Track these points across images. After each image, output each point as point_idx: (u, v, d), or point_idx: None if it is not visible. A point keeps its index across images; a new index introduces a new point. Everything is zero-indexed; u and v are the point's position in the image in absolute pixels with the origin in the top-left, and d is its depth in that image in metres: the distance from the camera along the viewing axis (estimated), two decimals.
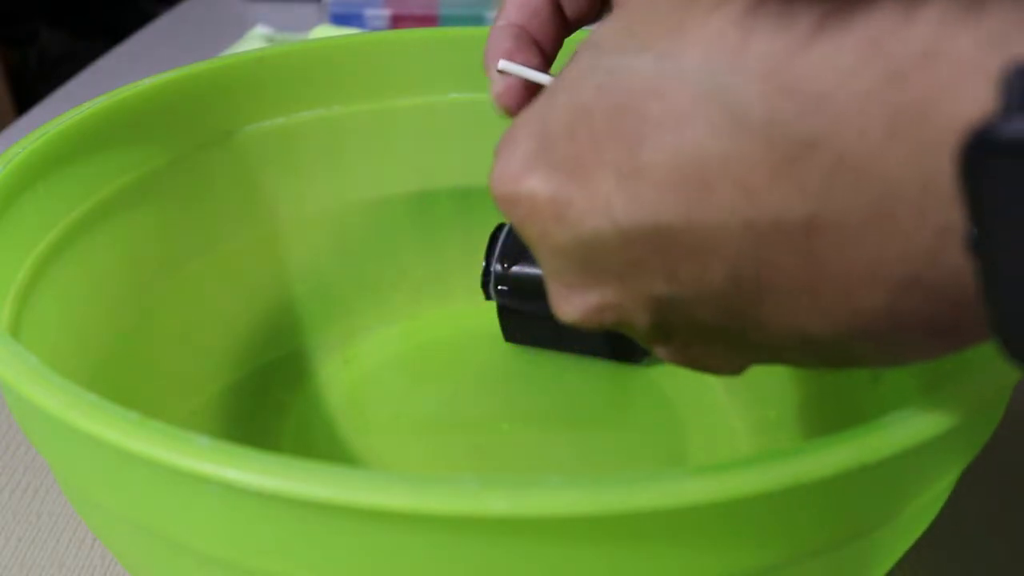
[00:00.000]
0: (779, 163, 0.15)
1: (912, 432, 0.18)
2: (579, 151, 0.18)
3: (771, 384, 0.39)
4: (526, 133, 0.20)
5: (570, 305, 0.21)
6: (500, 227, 0.40)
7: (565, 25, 0.28)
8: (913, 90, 0.14)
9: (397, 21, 0.77)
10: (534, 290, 0.39)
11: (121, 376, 0.32)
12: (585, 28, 0.29)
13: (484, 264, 0.39)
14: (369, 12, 0.77)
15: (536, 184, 0.19)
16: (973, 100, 0.13)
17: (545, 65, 0.27)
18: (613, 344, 0.40)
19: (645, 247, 0.18)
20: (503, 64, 0.27)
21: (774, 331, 0.18)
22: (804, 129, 0.15)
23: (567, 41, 0.29)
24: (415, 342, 0.43)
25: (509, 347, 0.42)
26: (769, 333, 0.18)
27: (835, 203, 0.15)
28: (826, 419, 0.35)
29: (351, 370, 0.41)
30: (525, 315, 0.40)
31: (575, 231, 0.19)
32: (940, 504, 0.25)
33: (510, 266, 0.39)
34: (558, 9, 0.27)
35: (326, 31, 0.72)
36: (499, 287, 0.39)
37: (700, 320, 0.19)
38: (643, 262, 0.18)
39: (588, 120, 0.18)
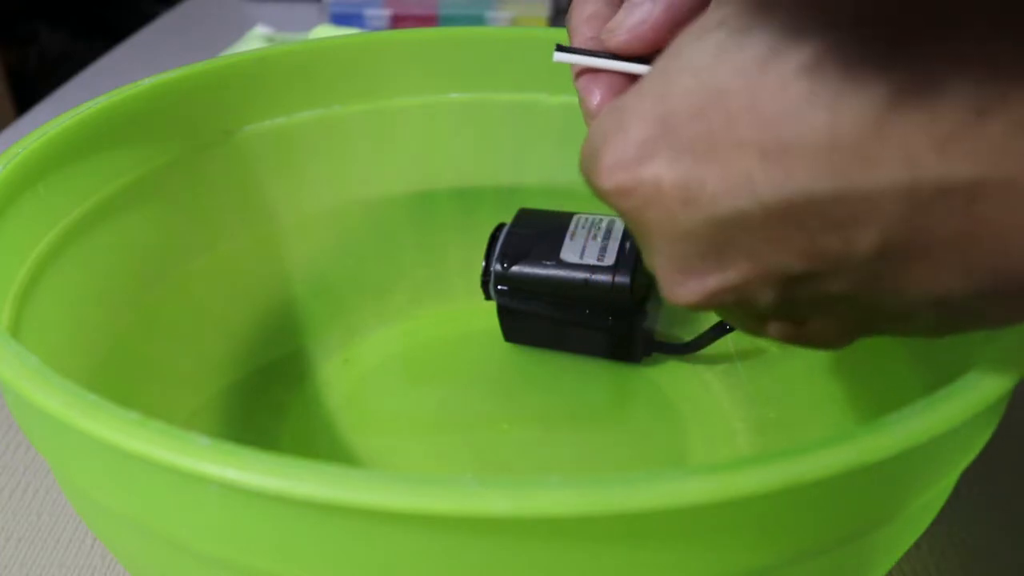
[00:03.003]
0: (948, 132, 0.16)
1: (912, 432, 0.18)
2: (710, 132, 0.18)
3: (771, 384, 0.39)
4: (639, 118, 0.19)
5: (686, 289, 0.20)
6: (500, 227, 0.40)
7: None
8: None
9: (397, 21, 0.77)
10: (534, 290, 0.39)
11: (121, 376, 0.32)
12: None
13: (484, 264, 0.39)
14: (369, 12, 0.77)
15: (660, 169, 0.19)
16: None
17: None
18: (613, 344, 0.40)
19: (788, 223, 0.18)
20: (559, 56, 0.26)
21: (910, 296, 0.18)
22: (976, 96, 0.15)
23: None
24: (415, 342, 0.43)
25: (509, 347, 0.42)
26: (904, 299, 0.18)
27: (1008, 164, 0.15)
28: (826, 419, 0.35)
29: (351, 370, 0.41)
30: (525, 315, 0.40)
31: (708, 212, 0.18)
32: (940, 504, 0.25)
33: (510, 266, 0.39)
34: None
35: (326, 31, 0.72)
36: (499, 287, 0.39)
37: (830, 293, 0.19)
38: (783, 239, 0.18)
39: (722, 101, 0.18)
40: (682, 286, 0.20)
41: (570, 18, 0.28)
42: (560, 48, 0.27)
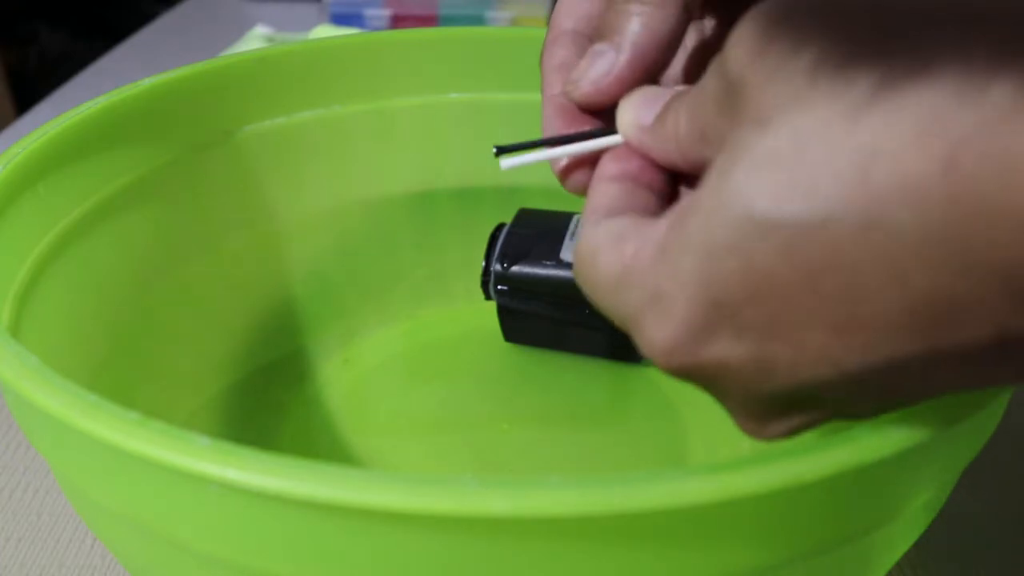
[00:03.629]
0: (1020, 292, 0.15)
1: (912, 432, 0.18)
2: (770, 314, 0.17)
3: None
4: (685, 302, 0.18)
5: (768, 432, 0.20)
6: (500, 227, 0.40)
7: None
8: None
9: (397, 21, 0.77)
10: (534, 290, 0.39)
11: (121, 376, 0.32)
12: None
13: (484, 264, 0.39)
14: (369, 12, 0.77)
15: (724, 351, 0.18)
16: None
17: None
18: (613, 344, 0.40)
19: (873, 380, 0.17)
20: (506, 164, 0.25)
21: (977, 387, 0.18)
22: None
23: None
24: (415, 342, 0.43)
25: (509, 347, 0.42)
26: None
27: None
28: None
29: (351, 370, 0.41)
30: (525, 315, 0.40)
31: (786, 381, 0.18)
32: (940, 504, 0.25)
33: (510, 266, 0.39)
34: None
35: (326, 31, 0.72)
36: (499, 287, 0.39)
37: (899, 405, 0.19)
38: (868, 389, 0.18)
39: (778, 284, 0.17)
40: (764, 430, 0.20)
41: (542, 66, 0.27)
42: (500, 150, 0.25)
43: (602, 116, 0.25)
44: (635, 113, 0.23)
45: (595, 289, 0.21)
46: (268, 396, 0.39)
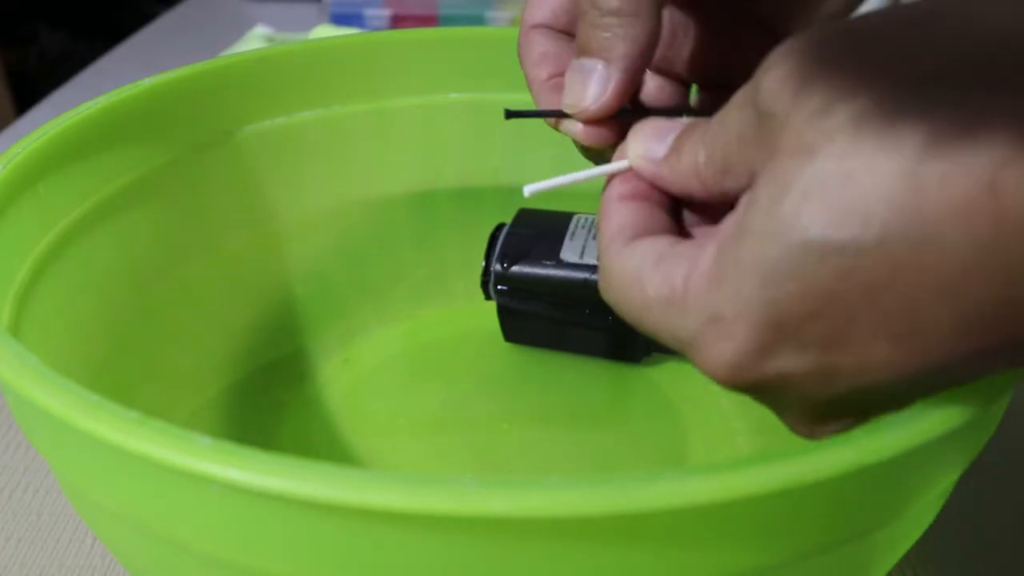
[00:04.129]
0: None
1: (912, 433, 0.18)
2: (832, 329, 0.18)
3: None
4: (744, 326, 0.19)
5: (823, 430, 0.21)
6: (500, 227, 0.40)
7: None
8: None
9: (397, 21, 0.77)
10: (534, 290, 0.39)
11: (121, 376, 0.32)
12: None
13: (484, 264, 0.39)
14: (369, 12, 0.77)
15: (787, 365, 0.19)
16: None
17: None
18: (613, 344, 0.40)
19: (928, 380, 0.18)
20: (529, 190, 0.25)
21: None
22: None
23: None
24: (415, 342, 0.43)
25: (509, 347, 0.42)
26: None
27: None
28: None
29: (351, 370, 0.41)
30: (525, 315, 0.40)
31: (847, 387, 0.19)
32: (940, 504, 0.25)
33: (510, 266, 0.39)
34: None
35: (326, 31, 0.72)
36: (499, 287, 0.39)
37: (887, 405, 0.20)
38: (920, 388, 0.19)
39: (838, 303, 0.18)
40: (819, 430, 0.21)
41: (522, 62, 0.28)
42: (510, 114, 0.27)
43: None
44: (645, 146, 0.23)
45: (643, 313, 0.22)
46: (268, 396, 0.39)
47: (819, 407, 0.20)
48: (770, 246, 0.18)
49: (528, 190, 0.25)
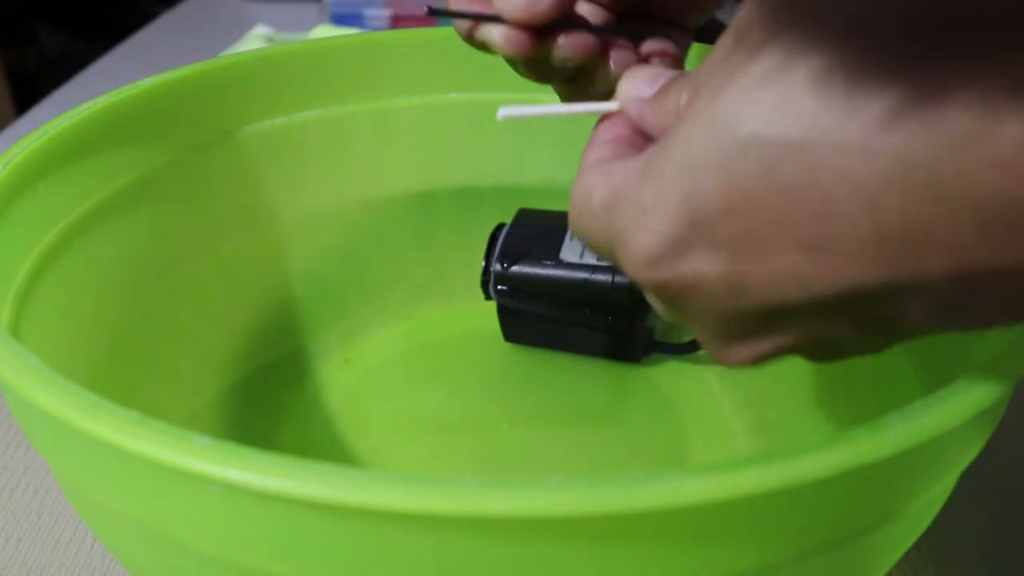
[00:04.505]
0: (988, 223, 0.16)
1: (912, 432, 0.18)
2: (746, 230, 0.18)
3: (771, 384, 0.39)
4: (665, 216, 0.19)
5: (736, 355, 0.21)
6: (500, 227, 0.40)
7: None
8: None
9: (397, 21, 0.77)
10: (534, 290, 0.39)
11: (121, 376, 0.32)
12: None
13: (484, 264, 0.39)
14: (369, 12, 0.77)
15: (700, 265, 0.19)
16: None
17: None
18: (613, 344, 0.40)
19: (838, 305, 0.18)
20: (503, 113, 0.26)
21: (954, 328, 0.19)
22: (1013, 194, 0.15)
23: None
24: (415, 342, 0.43)
25: (509, 347, 0.42)
26: (948, 329, 0.19)
27: None
28: (825, 419, 0.35)
29: (351, 370, 0.41)
30: (525, 315, 0.40)
31: (755, 301, 0.19)
32: (940, 504, 0.25)
33: (510, 266, 0.39)
34: None
35: (326, 31, 0.72)
36: (499, 287, 0.39)
37: (875, 341, 0.20)
38: (835, 315, 0.19)
39: (755, 202, 0.18)
40: (733, 353, 0.21)
41: None
42: (431, 11, 0.26)
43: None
44: (637, 89, 0.24)
45: (590, 223, 0.22)
46: (268, 396, 0.39)
47: (730, 323, 0.20)
48: (697, 138, 0.19)
49: (502, 113, 0.26)
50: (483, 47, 0.28)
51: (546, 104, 0.26)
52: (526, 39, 0.27)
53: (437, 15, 0.27)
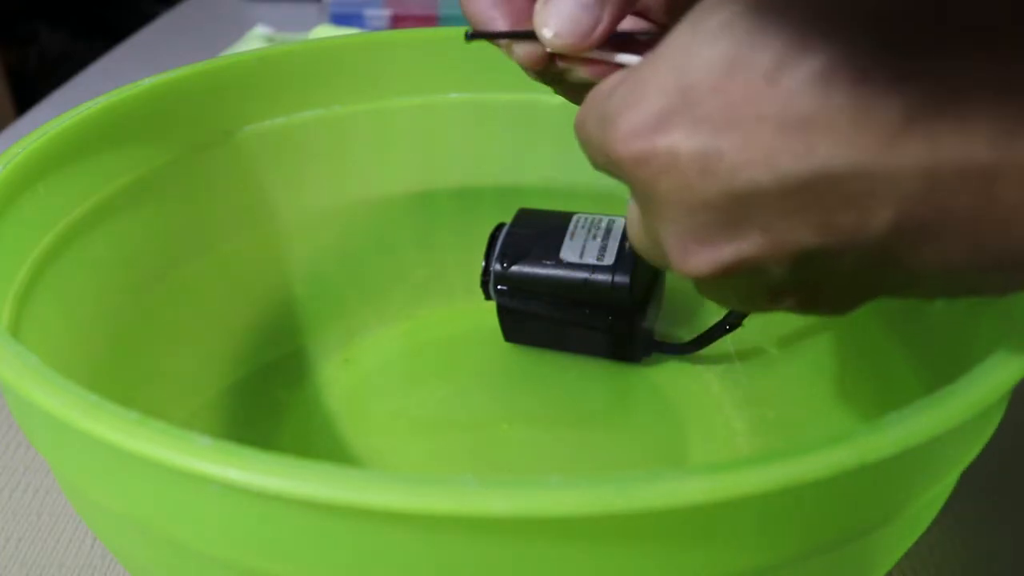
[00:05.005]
0: (970, 118, 0.16)
1: (912, 432, 0.18)
2: (730, 105, 0.18)
3: (771, 384, 0.39)
4: (657, 89, 0.19)
5: (698, 260, 0.20)
6: (500, 227, 0.40)
7: None
8: None
9: (397, 21, 0.77)
10: (534, 290, 0.39)
11: (121, 376, 0.32)
12: None
13: (484, 264, 0.39)
14: (369, 12, 0.77)
15: (678, 139, 0.19)
16: None
17: None
18: (613, 344, 0.40)
19: (806, 197, 0.18)
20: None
21: (920, 271, 0.18)
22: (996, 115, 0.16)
23: None
24: (415, 342, 0.43)
25: (509, 347, 0.42)
26: (914, 273, 0.19)
27: None
28: (826, 419, 0.35)
29: (351, 370, 0.41)
30: (525, 315, 0.40)
31: (725, 184, 0.19)
32: (940, 504, 0.25)
33: (510, 266, 0.39)
34: None
35: (326, 31, 0.72)
36: (499, 287, 0.39)
37: (841, 269, 0.19)
38: (798, 213, 0.18)
39: (742, 74, 0.18)
40: (695, 256, 0.20)
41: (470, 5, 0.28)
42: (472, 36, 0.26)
43: None
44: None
45: (585, 113, 0.22)
46: (268, 396, 0.39)
47: (697, 215, 0.19)
48: (697, 25, 0.19)
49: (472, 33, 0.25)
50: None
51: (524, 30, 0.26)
52: (547, 60, 0.27)
53: (480, 39, 0.27)
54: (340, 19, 0.78)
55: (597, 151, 0.22)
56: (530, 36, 0.26)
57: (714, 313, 0.40)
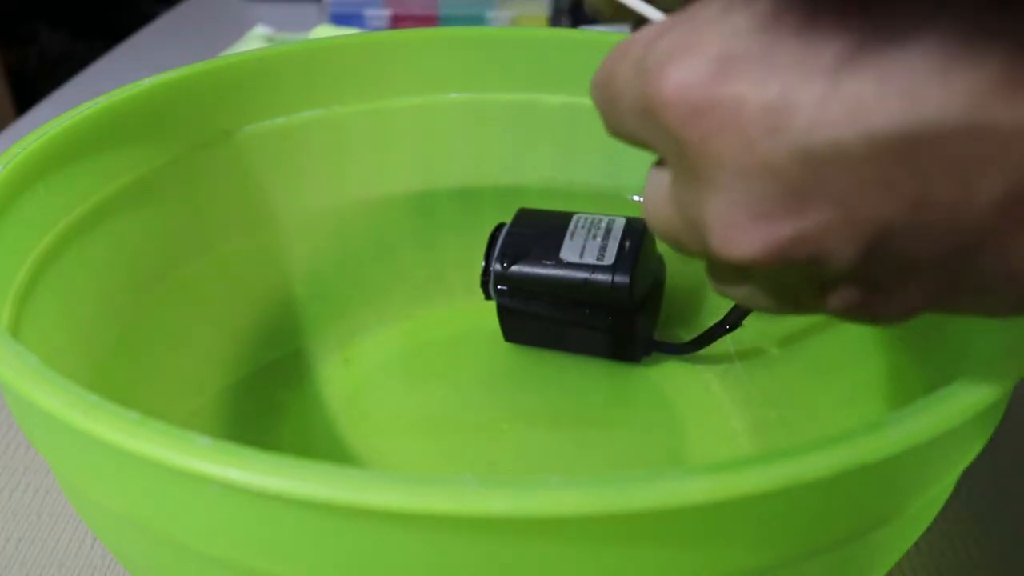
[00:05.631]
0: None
1: (912, 432, 0.18)
2: (808, 48, 0.16)
3: (771, 384, 0.39)
4: (719, 33, 0.17)
5: (750, 238, 0.17)
6: (500, 227, 0.40)
7: None
8: None
9: (397, 21, 0.77)
10: (534, 290, 0.39)
11: (121, 376, 0.32)
12: None
13: (484, 264, 0.39)
14: (369, 12, 0.77)
15: (745, 88, 0.16)
16: None
17: None
18: (613, 344, 0.40)
19: (900, 162, 0.15)
20: None
21: (1012, 263, 0.16)
22: None
23: None
24: (415, 342, 0.43)
25: (509, 347, 0.42)
26: (1002, 266, 0.16)
27: None
28: (826, 419, 0.35)
29: (351, 370, 0.41)
30: (525, 315, 0.40)
31: (798, 143, 0.16)
32: (940, 504, 0.25)
33: (510, 266, 0.39)
34: None
35: (326, 31, 0.72)
36: (499, 287, 0.39)
37: (920, 258, 0.16)
38: (887, 183, 0.15)
39: (829, 14, 0.16)
40: (745, 234, 0.17)
41: None
42: None
43: None
44: None
45: (617, 61, 0.19)
46: (268, 396, 0.39)
47: (753, 179, 0.16)
48: None
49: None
50: None
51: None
52: None
53: None
54: (340, 19, 0.78)
55: (629, 108, 0.19)
56: None
57: (714, 313, 0.40)
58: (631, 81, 0.19)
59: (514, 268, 0.39)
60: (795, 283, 0.19)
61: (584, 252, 0.38)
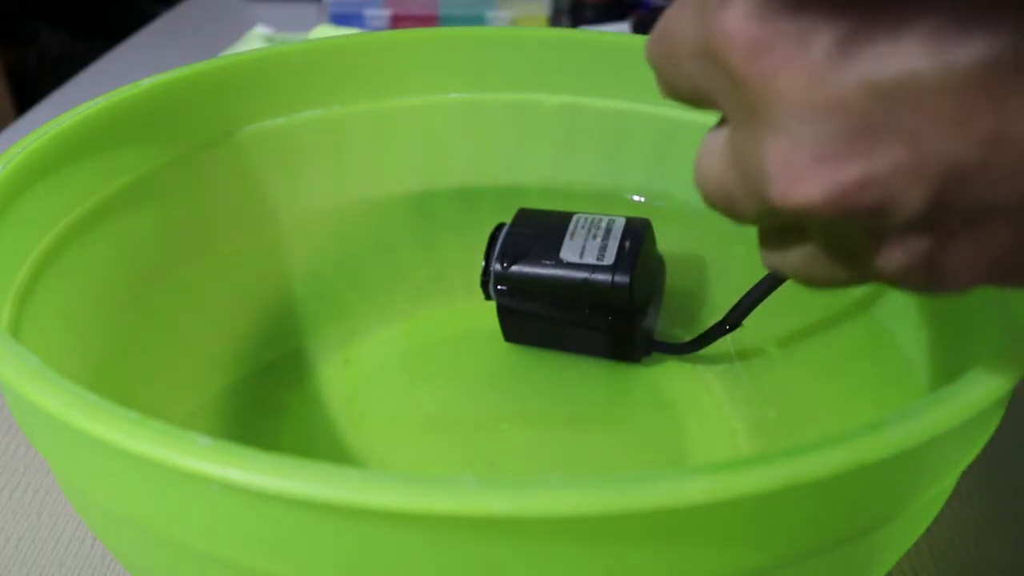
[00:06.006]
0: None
1: (912, 432, 0.18)
2: None
3: (771, 384, 0.39)
4: None
5: (813, 182, 0.16)
6: (500, 227, 0.40)
7: None
8: None
9: (397, 21, 0.77)
10: (534, 290, 0.39)
11: (121, 376, 0.32)
12: None
13: (484, 264, 0.39)
14: (369, 12, 0.77)
15: (812, 21, 0.15)
16: None
17: None
18: (613, 344, 0.40)
19: (980, 95, 0.14)
20: None
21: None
22: None
23: None
24: (415, 342, 0.43)
25: (509, 347, 0.42)
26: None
27: None
28: (826, 419, 0.35)
29: (351, 370, 0.41)
30: (525, 315, 0.40)
31: (868, 75, 0.15)
32: (940, 504, 0.25)
33: (510, 266, 0.39)
34: None
35: (326, 31, 0.72)
36: (499, 287, 0.39)
37: (997, 206, 0.15)
38: (964, 118, 0.14)
39: None
40: (810, 177, 0.16)
41: None
42: None
43: None
44: None
45: (676, 12, 0.18)
46: (268, 396, 0.39)
47: (820, 116, 0.15)
48: None
49: None
50: None
51: None
52: None
53: None
54: (340, 19, 0.78)
55: (690, 54, 0.18)
56: None
57: (714, 313, 0.40)
58: (692, 23, 0.17)
59: (514, 268, 0.39)
60: (856, 239, 0.17)
61: (584, 252, 0.38)
